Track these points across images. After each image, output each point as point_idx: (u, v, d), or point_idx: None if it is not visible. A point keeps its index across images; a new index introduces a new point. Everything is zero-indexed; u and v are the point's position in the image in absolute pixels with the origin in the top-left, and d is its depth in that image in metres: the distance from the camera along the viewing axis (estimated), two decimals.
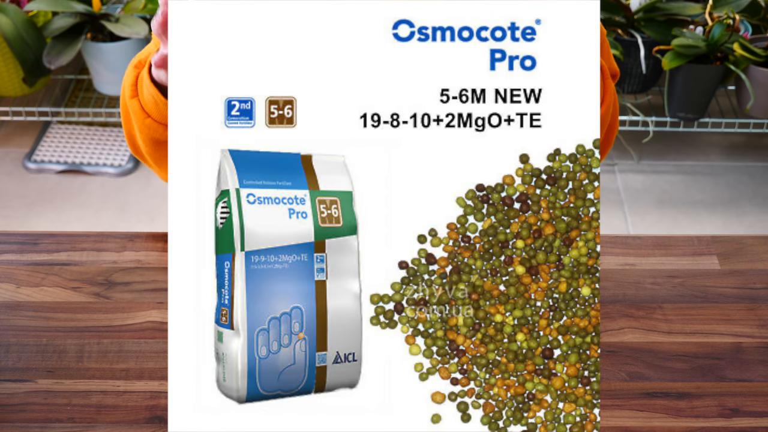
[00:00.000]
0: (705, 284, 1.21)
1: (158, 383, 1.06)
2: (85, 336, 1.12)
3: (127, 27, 2.54)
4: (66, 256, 1.24)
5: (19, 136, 2.80)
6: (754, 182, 2.68)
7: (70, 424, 1.02)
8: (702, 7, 2.56)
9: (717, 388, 1.07)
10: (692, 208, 2.59)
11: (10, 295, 1.18)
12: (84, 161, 2.69)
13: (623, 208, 2.59)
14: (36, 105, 2.79)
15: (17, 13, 2.53)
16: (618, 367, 1.09)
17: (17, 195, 2.60)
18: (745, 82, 2.47)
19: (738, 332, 1.14)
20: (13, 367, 1.08)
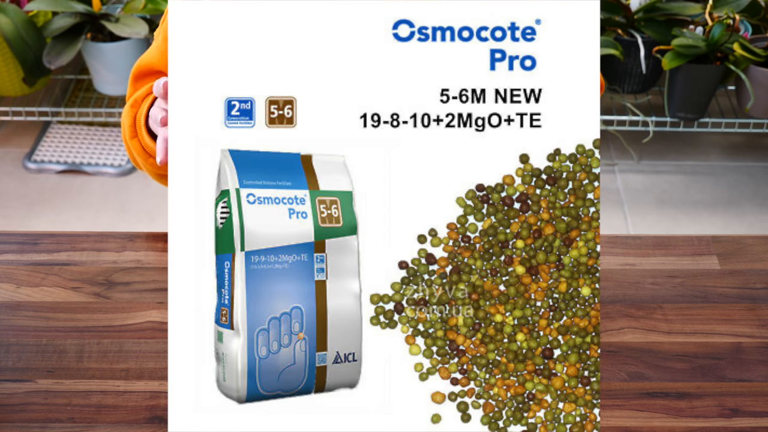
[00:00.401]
0: (705, 284, 1.21)
1: (158, 383, 1.06)
2: (85, 336, 1.12)
3: (127, 27, 2.54)
4: (66, 256, 1.24)
5: (19, 136, 2.80)
6: (754, 182, 2.68)
7: (70, 424, 1.02)
8: (702, 7, 2.56)
9: (717, 388, 1.07)
10: (692, 208, 2.58)
11: (10, 295, 1.18)
12: (84, 161, 2.68)
13: (623, 208, 2.59)
14: (36, 105, 2.79)
15: (17, 13, 2.53)
16: (618, 367, 1.09)
17: (17, 195, 2.60)
18: (745, 82, 2.47)
19: (738, 332, 1.14)
20: (13, 367, 1.08)
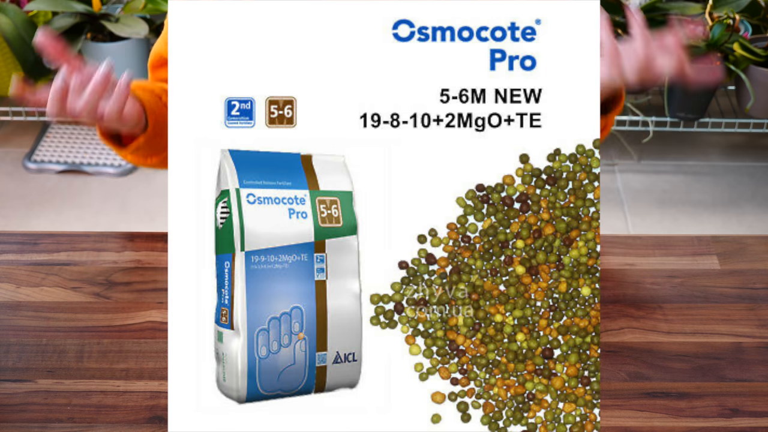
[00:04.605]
0: (705, 284, 1.21)
1: (158, 383, 1.06)
2: (85, 336, 1.12)
3: (127, 27, 2.54)
4: (66, 256, 1.24)
5: (19, 136, 2.80)
6: (754, 182, 2.68)
7: (70, 424, 1.02)
8: (702, 7, 2.55)
9: (717, 388, 1.07)
10: (692, 208, 2.58)
11: (10, 295, 1.18)
12: (84, 161, 2.68)
13: (623, 208, 2.59)
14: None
15: (17, 13, 2.53)
16: (618, 367, 1.09)
17: (17, 195, 2.60)
18: (745, 82, 2.47)
19: (738, 332, 1.14)
20: (13, 367, 1.08)
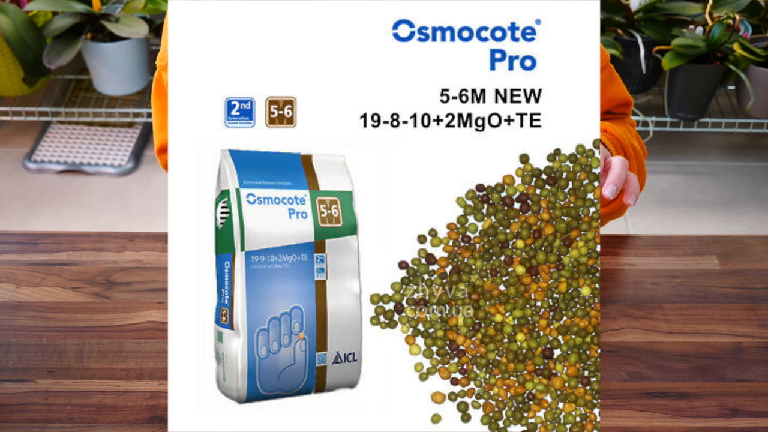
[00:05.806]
0: (705, 284, 1.21)
1: (158, 383, 1.06)
2: (85, 336, 1.12)
3: (127, 27, 2.54)
4: (66, 256, 1.24)
5: (19, 136, 2.80)
6: (754, 182, 2.68)
7: (70, 424, 1.02)
8: (702, 7, 2.56)
9: (717, 388, 1.07)
10: (692, 208, 2.58)
11: (10, 295, 1.18)
12: (84, 161, 2.68)
13: None
14: (36, 105, 2.79)
15: (17, 13, 2.53)
16: (618, 367, 1.09)
17: (17, 195, 2.60)
18: (745, 82, 2.47)
19: (738, 332, 1.14)
20: (13, 367, 1.08)
